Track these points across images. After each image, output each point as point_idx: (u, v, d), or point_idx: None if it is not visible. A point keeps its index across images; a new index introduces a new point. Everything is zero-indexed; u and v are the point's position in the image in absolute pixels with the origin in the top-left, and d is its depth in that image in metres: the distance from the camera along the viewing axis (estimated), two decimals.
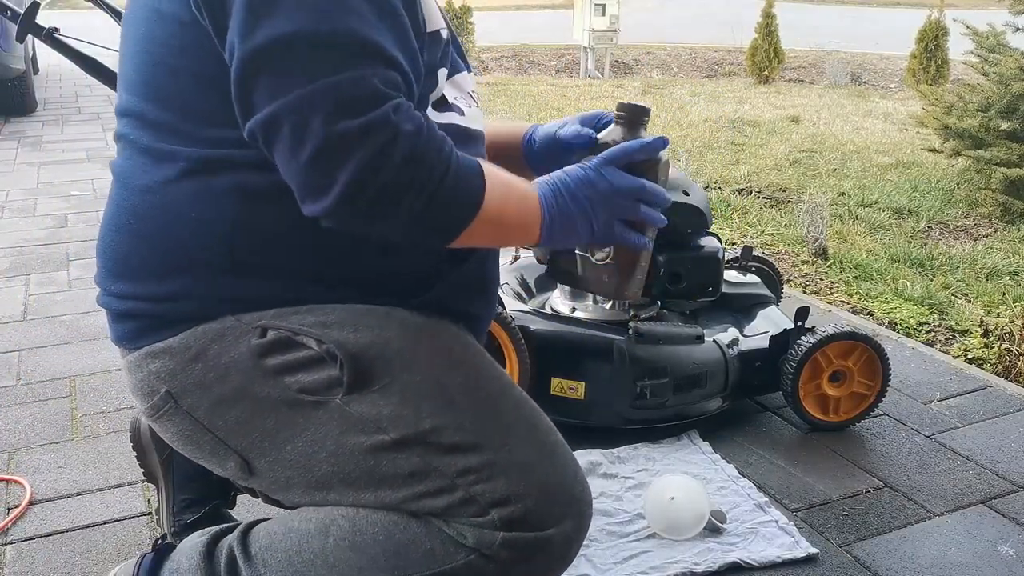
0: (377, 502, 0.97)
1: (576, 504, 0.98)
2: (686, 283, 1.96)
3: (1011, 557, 1.57)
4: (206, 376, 1.01)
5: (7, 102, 5.88)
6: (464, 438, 0.96)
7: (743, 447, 1.92)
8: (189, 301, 1.02)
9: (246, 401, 1.00)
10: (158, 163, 1.02)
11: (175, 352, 1.02)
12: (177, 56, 0.99)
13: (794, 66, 9.83)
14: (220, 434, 1.04)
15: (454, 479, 0.95)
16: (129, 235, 1.05)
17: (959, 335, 2.72)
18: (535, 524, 0.94)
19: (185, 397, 1.03)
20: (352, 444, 0.97)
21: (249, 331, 1.00)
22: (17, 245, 3.26)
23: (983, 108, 4.14)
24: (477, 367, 1.06)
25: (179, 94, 1.01)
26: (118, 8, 1.90)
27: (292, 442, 0.99)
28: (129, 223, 1.05)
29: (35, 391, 2.13)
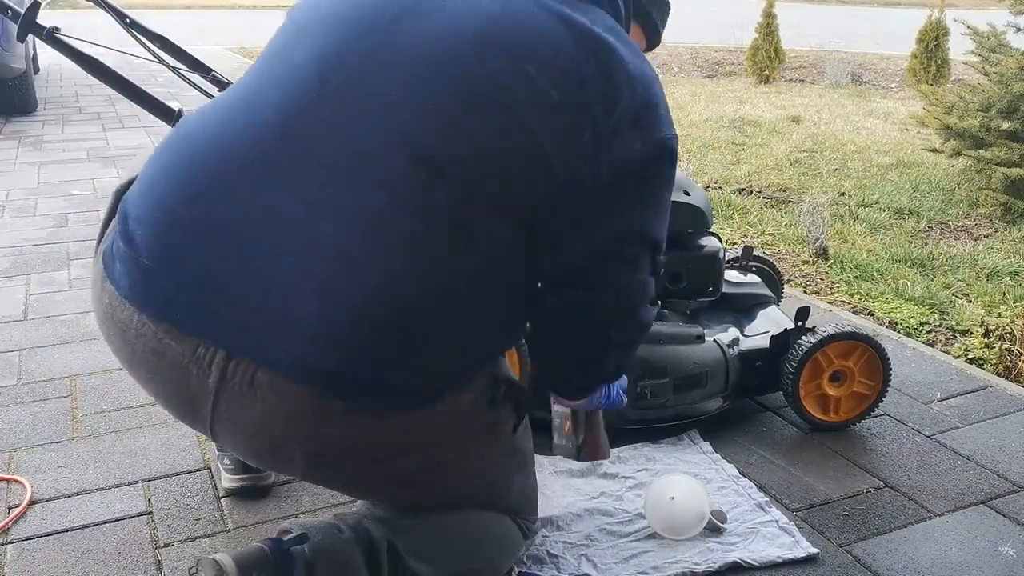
0: (502, 503, 1.35)
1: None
2: (686, 283, 1.96)
3: (1011, 557, 1.57)
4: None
5: (8, 102, 5.88)
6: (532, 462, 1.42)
7: (743, 447, 1.92)
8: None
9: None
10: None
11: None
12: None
13: (795, 66, 9.83)
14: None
15: (531, 492, 1.41)
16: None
17: (960, 335, 2.72)
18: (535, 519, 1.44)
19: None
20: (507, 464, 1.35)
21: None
22: (17, 245, 3.26)
23: (984, 108, 4.14)
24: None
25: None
26: (118, 8, 1.91)
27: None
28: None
29: (36, 391, 2.13)
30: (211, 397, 1.10)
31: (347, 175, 1.06)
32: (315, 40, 1.14)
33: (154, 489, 1.72)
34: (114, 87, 1.74)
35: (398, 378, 1.10)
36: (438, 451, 1.20)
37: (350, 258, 1.06)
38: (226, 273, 1.08)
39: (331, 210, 1.06)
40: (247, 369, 1.07)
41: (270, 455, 1.21)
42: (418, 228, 1.06)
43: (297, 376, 1.06)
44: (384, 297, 1.06)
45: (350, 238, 1.06)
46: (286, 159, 1.08)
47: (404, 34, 1.09)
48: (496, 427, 1.26)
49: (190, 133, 1.18)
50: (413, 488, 1.25)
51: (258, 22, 15.73)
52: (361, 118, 1.07)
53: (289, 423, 1.10)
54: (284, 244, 1.07)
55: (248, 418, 1.11)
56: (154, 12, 15.67)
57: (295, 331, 1.06)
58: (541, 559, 1.51)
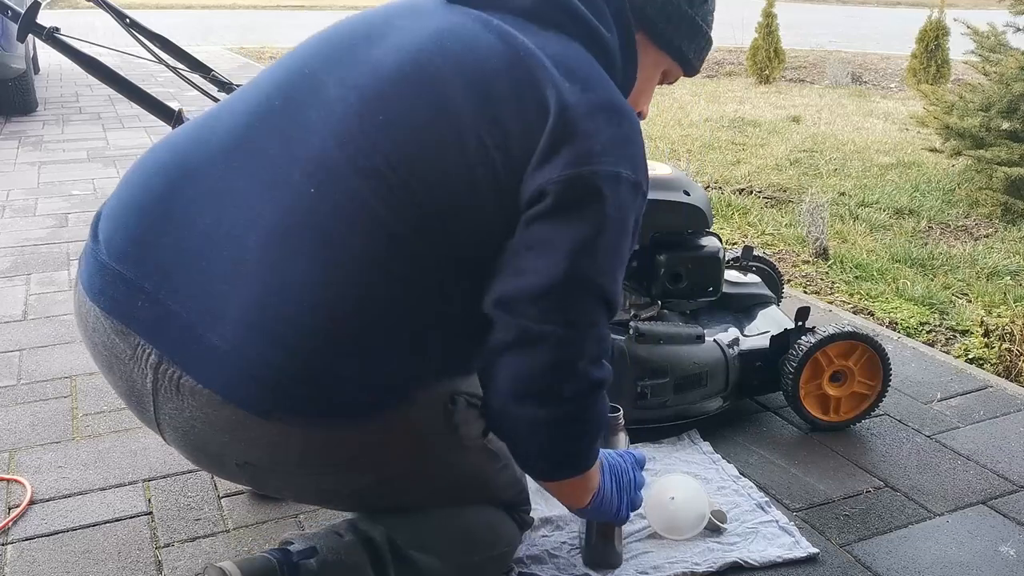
0: (491, 499, 1.35)
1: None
2: (686, 283, 1.96)
3: (1011, 557, 1.57)
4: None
5: (8, 102, 5.88)
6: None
7: (744, 447, 1.92)
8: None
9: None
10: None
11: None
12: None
13: (795, 66, 9.83)
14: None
15: (520, 484, 1.39)
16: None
17: (960, 335, 2.72)
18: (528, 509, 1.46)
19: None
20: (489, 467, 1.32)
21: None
22: (18, 245, 3.26)
23: (984, 108, 4.14)
24: None
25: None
26: (118, 8, 1.91)
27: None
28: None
29: (36, 391, 2.13)
30: (150, 397, 1.13)
31: (283, 185, 1.08)
32: (283, 65, 1.21)
33: (154, 489, 1.72)
34: (114, 87, 1.74)
35: (314, 392, 1.08)
36: (383, 465, 1.18)
37: (274, 267, 1.06)
38: (165, 277, 1.10)
39: (263, 218, 1.07)
40: (174, 373, 1.09)
41: (206, 460, 1.24)
42: (352, 241, 1.06)
43: (216, 386, 1.07)
44: (309, 308, 1.06)
45: (275, 246, 1.07)
46: (228, 171, 1.12)
47: (362, 57, 1.14)
48: (461, 438, 1.24)
49: (163, 141, 1.22)
50: (375, 498, 1.25)
51: (258, 22, 15.73)
52: (307, 128, 1.10)
53: (213, 429, 1.11)
54: (214, 252, 1.08)
55: (180, 421, 1.12)
56: (154, 12, 15.67)
57: (218, 340, 1.06)
58: (541, 559, 1.51)
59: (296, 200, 1.07)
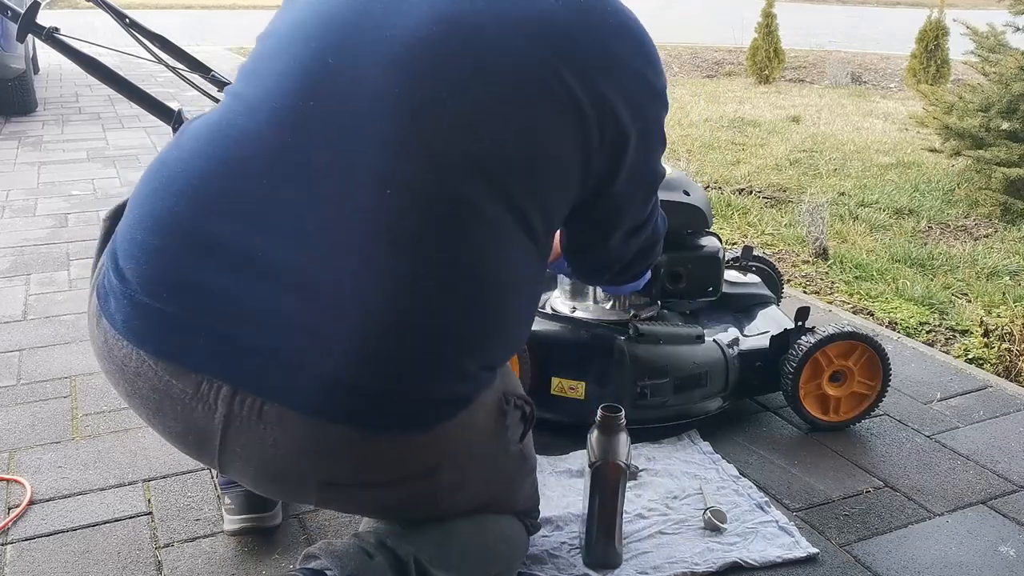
0: (512, 506, 1.35)
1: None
2: (686, 283, 1.96)
3: (1011, 557, 1.57)
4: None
5: (7, 102, 5.88)
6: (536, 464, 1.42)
7: (743, 447, 1.92)
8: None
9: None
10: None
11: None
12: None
13: (795, 66, 9.83)
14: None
15: (536, 491, 1.41)
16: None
17: (959, 335, 2.72)
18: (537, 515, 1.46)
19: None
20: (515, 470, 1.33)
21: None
22: (17, 245, 3.26)
23: (983, 108, 4.14)
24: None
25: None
26: (118, 8, 1.91)
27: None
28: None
29: (35, 391, 2.13)
30: (219, 433, 1.06)
31: (344, 199, 1.03)
32: (296, 51, 1.11)
33: (154, 489, 1.72)
34: (114, 87, 1.74)
35: (406, 403, 1.06)
36: (454, 468, 1.17)
37: (355, 283, 1.02)
38: (221, 308, 1.03)
39: (326, 236, 1.02)
40: (253, 403, 1.03)
41: (282, 486, 1.19)
42: (423, 235, 1.03)
43: (304, 408, 1.03)
44: (388, 318, 1.02)
45: (351, 261, 1.02)
46: (271, 189, 1.04)
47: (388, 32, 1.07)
48: (507, 438, 1.24)
49: (169, 160, 1.13)
50: (429, 505, 1.22)
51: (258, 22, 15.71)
52: (356, 133, 1.03)
53: (300, 454, 1.06)
54: (277, 279, 1.02)
55: (257, 451, 1.07)
56: (154, 12, 15.67)
57: (299, 362, 1.02)
58: (541, 559, 1.51)
59: (361, 210, 1.01)
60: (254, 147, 1.06)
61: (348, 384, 1.02)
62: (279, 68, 1.10)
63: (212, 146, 1.09)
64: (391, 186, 1.02)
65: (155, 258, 1.06)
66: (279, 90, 1.08)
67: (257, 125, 1.07)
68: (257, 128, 1.07)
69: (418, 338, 1.04)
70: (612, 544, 1.48)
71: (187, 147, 1.12)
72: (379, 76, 1.04)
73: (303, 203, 1.03)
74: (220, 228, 1.04)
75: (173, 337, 1.05)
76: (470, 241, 1.06)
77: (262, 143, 1.06)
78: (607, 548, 1.48)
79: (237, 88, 1.14)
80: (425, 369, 1.06)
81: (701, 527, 1.61)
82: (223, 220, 1.04)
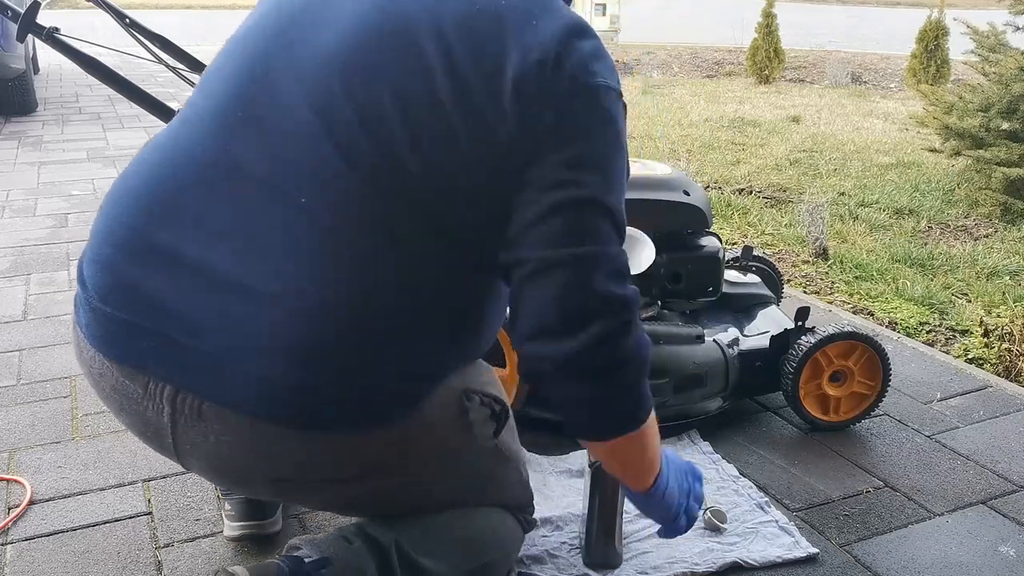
0: (498, 501, 1.34)
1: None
2: (686, 283, 1.96)
3: (1011, 557, 1.57)
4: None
5: (7, 102, 5.88)
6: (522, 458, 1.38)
7: (743, 447, 1.92)
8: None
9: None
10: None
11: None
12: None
13: (795, 66, 9.83)
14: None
15: (527, 486, 1.39)
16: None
17: (959, 335, 2.72)
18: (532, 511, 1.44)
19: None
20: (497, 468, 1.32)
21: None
22: (17, 245, 3.26)
23: (983, 108, 4.14)
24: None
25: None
26: (118, 8, 1.91)
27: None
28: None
29: (35, 391, 2.13)
30: (169, 431, 1.11)
31: (274, 202, 1.05)
32: (231, 61, 1.15)
33: (154, 489, 1.72)
34: (114, 87, 1.74)
35: (342, 401, 1.08)
36: (405, 468, 1.18)
37: (294, 276, 1.04)
38: (163, 311, 1.07)
39: (259, 239, 1.05)
40: (193, 402, 1.07)
41: (235, 481, 1.24)
42: (355, 243, 1.04)
43: (239, 408, 1.06)
44: (322, 316, 1.04)
45: (284, 263, 1.04)
46: (208, 195, 1.08)
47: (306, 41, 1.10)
48: (475, 435, 1.24)
49: (128, 172, 1.18)
50: (401, 500, 1.24)
51: None
52: (281, 137, 1.06)
53: (242, 452, 1.10)
54: (212, 280, 1.05)
55: (204, 449, 1.11)
56: (154, 12, 15.67)
57: (233, 363, 1.05)
58: (541, 559, 1.51)
59: (293, 215, 1.04)
60: (192, 156, 1.11)
61: (280, 384, 1.05)
62: (220, 78, 1.15)
63: (160, 156, 1.15)
64: (307, 194, 1.04)
65: (106, 266, 1.13)
66: (215, 101, 1.13)
67: (198, 135, 1.12)
68: (198, 138, 1.12)
69: (345, 343, 1.06)
70: (612, 544, 1.48)
71: (142, 158, 1.17)
72: (299, 86, 1.07)
73: (235, 210, 1.07)
74: (160, 236, 1.09)
75: (122, 340, 1.10)
76: (387, 252, 1.06)
77: (200, 152, 1.10)
78: (607, 548, 1.48)
79: (192, 98, 1.19)
80: (356, 371, 1.07)
81: (701, 527, 1.61)
82: (163, 228, 1.09)
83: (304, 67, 1.07)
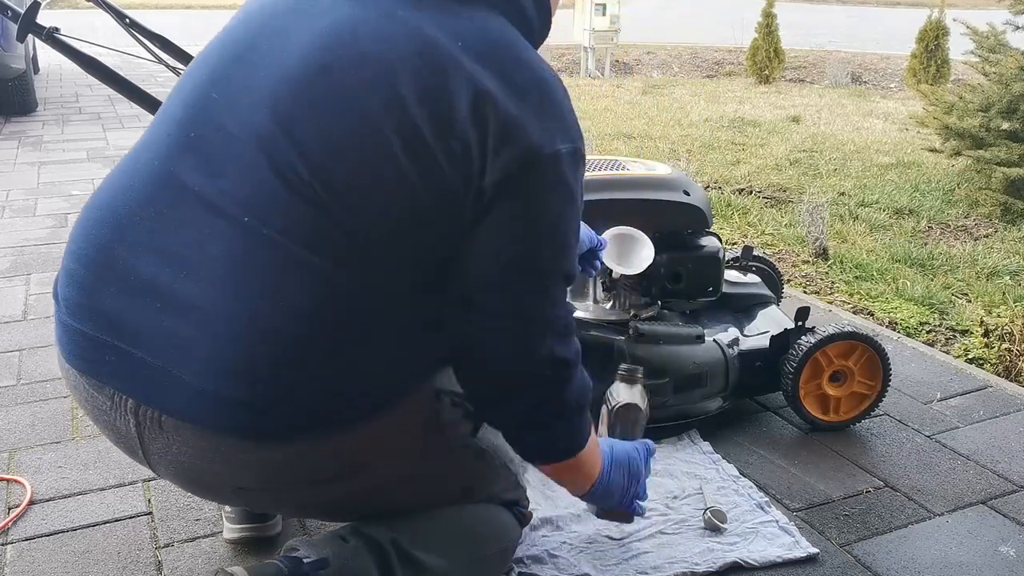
0: (488, 498, 1.34)
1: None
2: (686, 283, 1.95)
3: (1012, 557, 1.57)
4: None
5: (7, 102, 5.88)
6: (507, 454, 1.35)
7: (743, 447, 1.92)
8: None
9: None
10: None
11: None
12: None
13: (795, 66, 9.83)
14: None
15: (516, 480, 1.38)
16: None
17: (959, 335, 2.72)
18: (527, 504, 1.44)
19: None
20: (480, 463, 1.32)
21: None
22: (18, 245, 3.26)
23: (983, 108, 4.14)
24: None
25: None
26: (118, 8, 1.91)
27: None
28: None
29: (36, 391, 2.13)
30: (136, 441, 1.13)
31: (214, 221, 1.06)
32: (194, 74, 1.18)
33: (154, 489, 1.72)
34: (114, 87, 1.74)
35: (292, 413, 1.08)
36: (377, 471, 1.18)
37: (235, 293, 1.05)
38: (120, 327, 1.09)
39: (203, 259, 1.06)
40: (153, 414, 1.09)
41: (203, 489, 1.25)
42: (297, 255, 1.05)
43: (194, 420, 1.07)
44: (264, 333, 1.05)
45: (219, 285, 1.06)
46: (158, 215, 1.10)
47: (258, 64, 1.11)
48: (451, 435, 1.25)
49: (100, 188, 1.21)
50: (381, 502, 1.25)
51: None
52: (224, 161, 1.08)
53: (203, 462, 1.11)
54: (163, 297, 1.07)
55: (168, 458, 1.13)
56: (154, 12, 15.66)
57: (190, 378, 1.06)
58: (541, 559, 1.51)
59: (237, 234, 1.05)
60: (148, 173, 1.13)
61: (228, 399, 1.06)
62: (180, 96, 1.17)
63: (122, 174, 1.18)
64: (249, 214, 1.05)
65: (73, 282, 1.15)
66: (172, 119, 1.15)
67: (154, 153, 1.14)
68: (153, 156, 1.14)
69: (290, 358, 1.06)
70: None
71: (112, 175, 1.20)
72: (250, 111, 1.08)
73: (182, 229, 1.08)
74: (117, 253, 1.11)
75: (88, 354, 1.13)
76: (332, 271, 1.06)
77: (156, 168, 1.12)
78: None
79: (160, 110, 1.22)
80: (303, 386, 1.08)
81: (701, 527, 1.61)
82: (120, 245, 1.11)
83: (253, 95, 1.08)
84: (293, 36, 1.10)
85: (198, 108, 1.12)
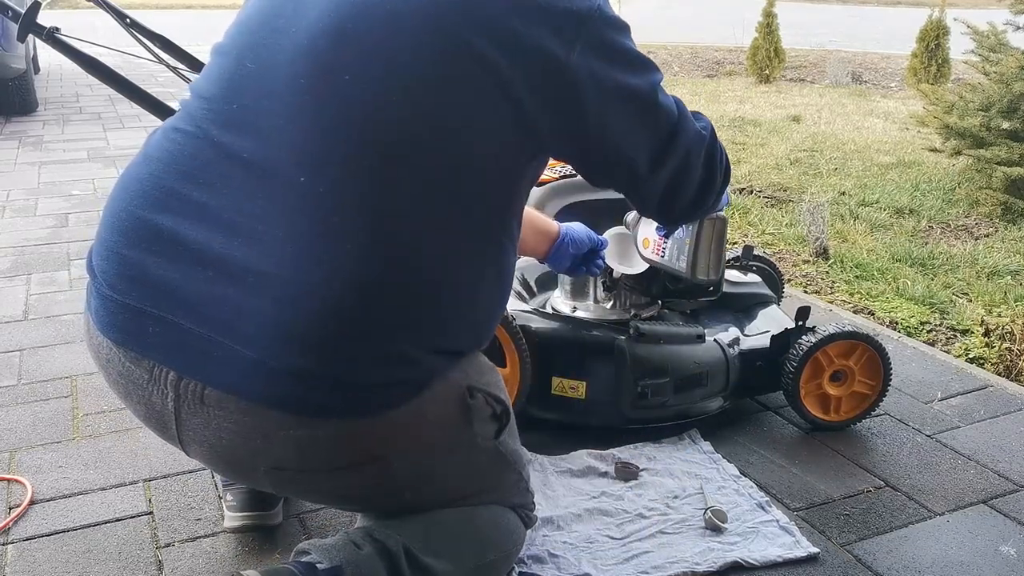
0: (498, 500, 1.35)
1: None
2: (687, 283, 1.95)
3: (1012, 557, 1.57)
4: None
5: (8, 102, 5.88)
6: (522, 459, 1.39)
7: (744, 446, 1.92)
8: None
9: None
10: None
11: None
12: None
13: (795, 65, 9.83)
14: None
15: (527, 484, 1.40)
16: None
17: (960, 334, 2.72)
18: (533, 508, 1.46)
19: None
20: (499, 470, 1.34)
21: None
22: (18, 245, 3.26)
23: (984, 107, 4.14)
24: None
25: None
26: (118, 8, 1.91)
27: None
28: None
29: (36, 391, 2.13)
30: (173, 416, 1.12)
31: (270, 183, 1.07)
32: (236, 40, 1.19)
33: (154, 489, 1.73)
34: (114, 87, 1.74)
35: (340, 387, 1.08)
36: (408, 458, 1.19)
37: (284, 269, 1.05)
38: (167, 297, 1.09)
39: (258, 223, 1.07)
40: (196, 387, 1.08)
41: (235, 469, 1.24)
42: (343, 221, 1.06)
43: (241, 393, 1.07)
44: (320, 300, 1.05)
45: (283, 246, 1.06)
46: (207, 187, 1.10)
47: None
48: (474, 433, 1.25)
49: (133, 163, 1.20)
50: (392, 495, 1.24)
51: None
52: (278, 122, 1.09)
53: (242, 438, 1.10)
54: (215, 265, 1.07)
55: (206, 434, 1.12)
56: (154, 12, 15.66)
57: (239, 348, 1.06)
58: (541, 559, 1.51)
59: (291, 198, 1.06)
60: (194, 147, 1.13)
61: (281, 369, 1.05)
62: (214, 74, 1.18)
63: (162, 148, 1.17)
64: (306, 173, 1.06)
65: (113, 254, 1.14)
66: (211, 95, 1.16)
67: (198, 126, 1.15)
68: (197, 129, 1.14)
69: (349, 323, 1.06)
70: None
71: (146, 150, 1.20)
72: (288, 69, 1.09)
73: (236, 197, 1.08)
74: (164, 223, 1.11)
75: (128, 326, 1.12)
76: (391, 226, 1.07)
77: (201, 143, 1.13)
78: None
79: (191, 90, 1.22)
80: (359, 354, 1.08)
81: (702, 527, 1.61)
82: (167, 216, 1.11)
83: (290, 52, 1.10)
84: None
85: (235, 79, 1.13)
